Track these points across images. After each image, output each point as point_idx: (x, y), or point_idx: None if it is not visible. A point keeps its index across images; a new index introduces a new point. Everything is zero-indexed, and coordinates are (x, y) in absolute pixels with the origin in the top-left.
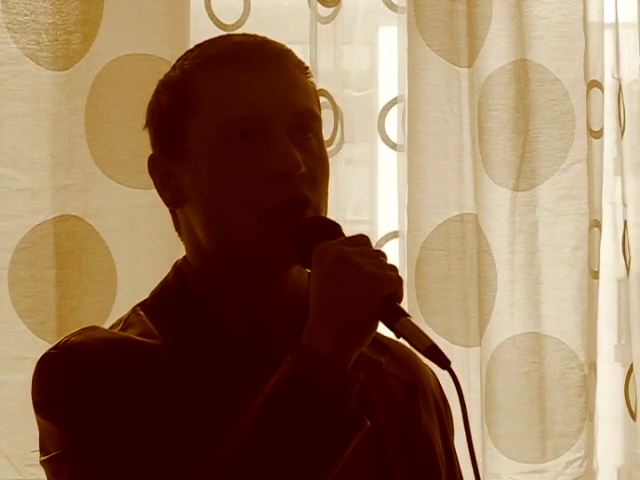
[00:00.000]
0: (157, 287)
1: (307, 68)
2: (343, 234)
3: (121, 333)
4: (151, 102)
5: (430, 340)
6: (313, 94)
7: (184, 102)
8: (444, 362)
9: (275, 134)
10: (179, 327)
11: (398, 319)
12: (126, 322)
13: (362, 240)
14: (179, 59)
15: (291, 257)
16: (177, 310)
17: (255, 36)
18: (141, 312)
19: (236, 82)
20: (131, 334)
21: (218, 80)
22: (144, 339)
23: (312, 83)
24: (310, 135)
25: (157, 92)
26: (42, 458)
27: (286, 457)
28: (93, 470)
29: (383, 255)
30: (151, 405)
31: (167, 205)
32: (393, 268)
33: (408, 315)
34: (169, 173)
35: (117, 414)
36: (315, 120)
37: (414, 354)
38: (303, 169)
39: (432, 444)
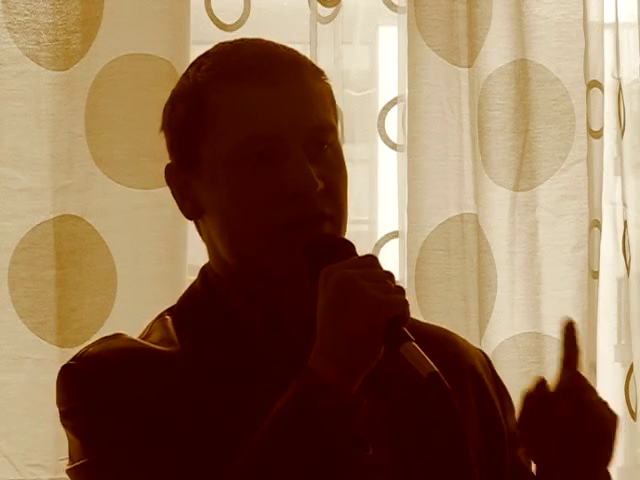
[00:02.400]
0: (185, 291)
1: (322, 73)
2: (354, 253)
3: (139, 341)
4: (166, 110)
5: (432, 367)
6: (328, 100)
7: (199, 117)
8: (445, 390)
9: (291, 152)
10: (200, 332)
11: (402, 344)
12: (150, 328)
13: (369, 261)
14: (192, 66)
15: (303, 273)
16: (200, 315)
17: (269, 45)
18: (167, 317)
19: (251, 98)
20: (151, 341)
21: (233, 96)
22: (161, 347)
23: (328, 87)
24: (326, 147)
25: (172, 102)
26: (67, 467)
27: (289, 479)
28: None
29: (390, 276)
30: (166, 414)
31: (185, 216)
32: (399, 290)
33: (412, 339)
34: (186, 184)
35: (133, 424)
36: (331, 131)
37: (453, 340)
38: (319, 187)
39: (461, 429)
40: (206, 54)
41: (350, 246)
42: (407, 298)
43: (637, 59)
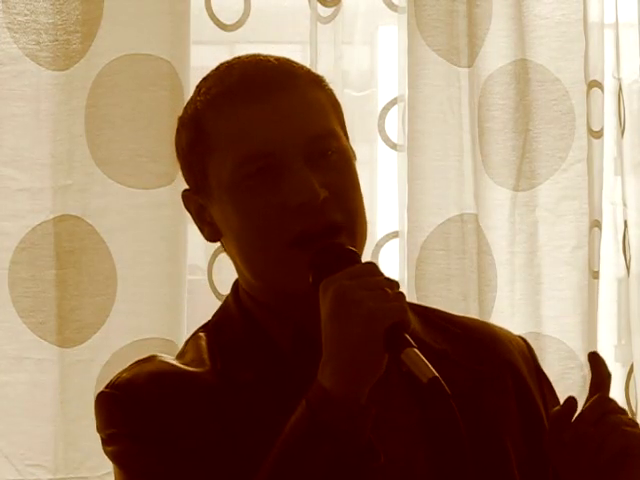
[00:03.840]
0: (220, 307)
1: (319, 79)
2: (357, 260)
3: (172, 363)
4: (175, 138)
5: (432, 372)
6: (328, 106)
7: (200, 143)
8: (444, 395)
9: (290, 165)
10: (232, 350)
11: (402, 351)
12: (185, 347)
13: (367, 270)
14: (195, 90)
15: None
16: (232, 332)
17: (261, 61)
18: (201, 334)
19: (245, 118)
20: (185, 361)
21: (228, 118)
22: (191, 368)
23: (328, 93)
24: (330, 153)
25: (178, 129)
26: None
27: None
28: None
29: (388, 283)
30: (200, 439)
31: (206, 239)
32: (397, 297)
33: (413, 345)
34: (202, 208)
35: (167, 452)
36: (332, 137)
37: (494, 332)
38: (322, 196)
39: (498, 432)
40: (206, 77)
41: (353, 254)
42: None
43: (637, 59)
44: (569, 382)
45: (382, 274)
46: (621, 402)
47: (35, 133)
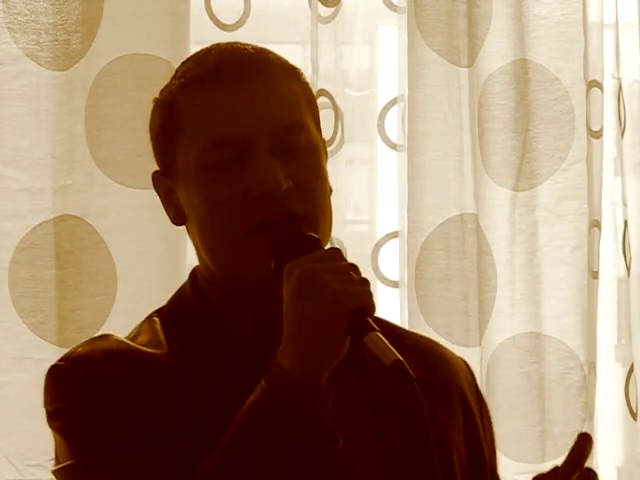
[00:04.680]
0: (175, 293)
1: (296, 71)
2: (320, 247)
3: (128, 343)
4: (149, 119)
5: (395, 355)
6: (302, 98)
7: (171, 125)
8: (408, 377)
9: (256, 154)
10: (188, 335)
11: (366, 334)
12: (139, 329)
13: (333, 254)
14: (174, 73)
15: (273, 274)
16: (188, 317)
17: (238, 48)
18: (156, 319)
19: (216, 103)
20: (140, 342)
21: (199, 102)
22: (148, 349)
23: (303, 85)
24: (300, 145)
25: (152, 111)
26: (53, 468)
27: (259, 476)
28: None
29: (353, 268)
30: (153, 417)
31: (172, 222)
32: (362, 282)
33: (376, 330)
34: (170, 190)
35: (120, 426)
36: (302, 130)
37: (440, 353)
38: (285, 186)
39: (447, 446)
40: (183, 62)
41: (316, 241)
42: (372, 289)
43: (637, 59)
44: (569, 382)
45: (346, 260)
46: (621, 402)
47: (35, 133)
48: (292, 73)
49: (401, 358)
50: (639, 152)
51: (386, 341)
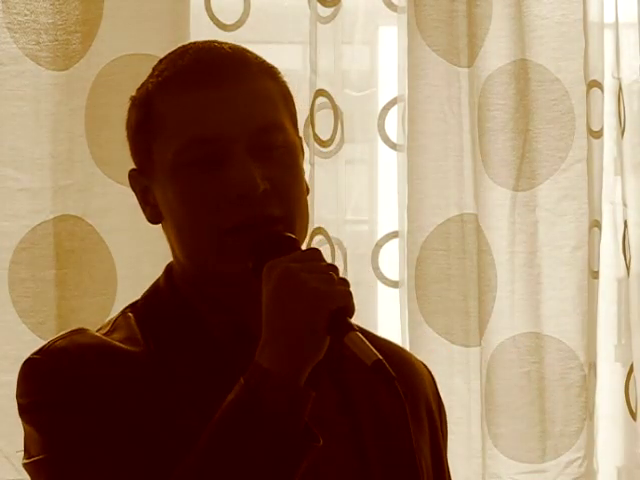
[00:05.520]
0: (149, 289)
1: (273, 71)
2: (299, 248)
3: (105, 339)
4: (126, 118)
5: (376, 355)
6: (279, 99)
7: (147, 123)
8: (389, 377)
9: (233, 154)
10: (164, 333)
11: (345, 334)
12: (114, 324)
13: (313, 255)
14: (151, 71)
15: (251, 273)
16: (164, 315)
17: (215, 47)
18: (130, 314)
19: (193, 103)
20: (116, 338)
21: (176, 101)
22: (126, 346)
23: (281, 86)
24: (277, 146)
25: (129, 109)
26: (24, 461)
27: (239, 475)
28: (67, 478)
29: (334, 269)
30: (127, 414)
31: (148, 220)
32: (343, 282)
33: (355, 330)
34: (146, 189)
35: (92, 423)
36: (279, 130)
37: (408, 360)
38: (262, 188)
39: (418, 456)
40: (160, 60)
41: (294, 241)
42: (351, 289)
43: (637, 59)
44: (569, 382)
45: (325, 260)
46: (621, 402)
47: (35, 133)
48: (269, 72)
49: (381, 357)
50: (639, 152)
51: (366, 341)
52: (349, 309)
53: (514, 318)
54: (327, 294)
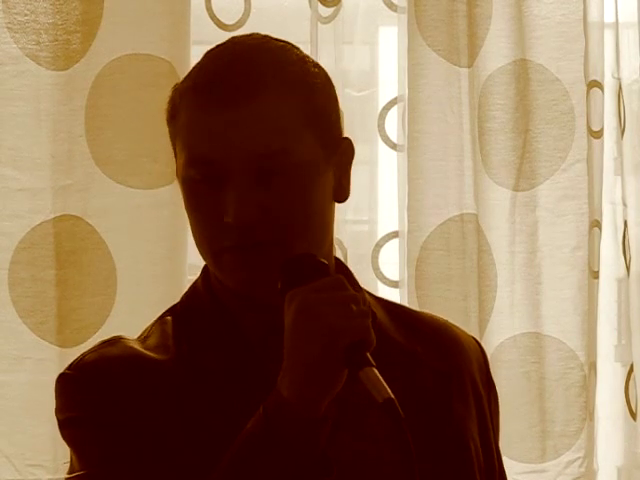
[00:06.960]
0: (188, 290)
1: (303, 80)
2: (327, 273)
3: (135, 349)
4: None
5: (388, 393)
6: (297, 118)
7: (173, 122)
8: (398, 417)
9: (232, 178)
10: (199, 336)
11: (361, 369)
12: (150, 330)
13: (335, 284)
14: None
15: (262, 291)
16: (201, 317)
17: (248, 54)
18: (169, 318)
19: (200, 122)
20: (149, 345)
21: (189, 115)
22: (155, 354)
23: (308, 99)
24: (279, 171)
25: (170, 94)
26: (66, 476)
27: None
28: None
29: (354, 300)
30: (160, 427)
31: None
32: (362, 314)
33: (372, 365)
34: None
35: (124, 438)
36: (285, 155)
37: (454, 336)
38: (251, 217)
39: (466, 439)
40: (207, 52)
41: (323, 266)
42: (370, 322)
43: (637, 59)
44: (569, 382)
45: (348, 289)
46: (621, 402)
47: (35, 133)
48: (293, 86)
49: (393, 396)
50: (639, 152)
51: (380, 377)
52: (366, 343)
53: (514, 318)
54: (343, 328)
